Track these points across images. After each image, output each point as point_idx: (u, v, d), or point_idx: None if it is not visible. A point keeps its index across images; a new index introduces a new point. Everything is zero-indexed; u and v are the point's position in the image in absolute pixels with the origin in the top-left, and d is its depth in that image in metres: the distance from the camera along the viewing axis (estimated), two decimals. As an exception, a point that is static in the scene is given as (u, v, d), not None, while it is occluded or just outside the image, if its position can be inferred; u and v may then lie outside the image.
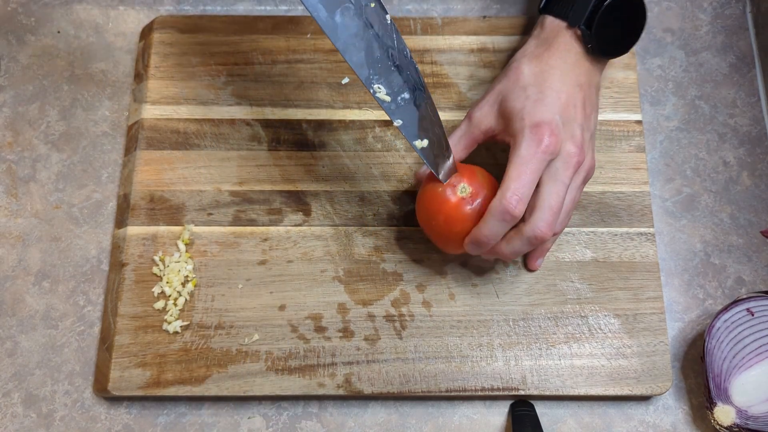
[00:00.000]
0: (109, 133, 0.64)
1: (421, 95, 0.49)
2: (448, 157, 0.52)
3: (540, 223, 0.49)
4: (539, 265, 0.58)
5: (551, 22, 0.54)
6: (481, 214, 0.50)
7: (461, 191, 0.51)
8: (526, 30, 0.65)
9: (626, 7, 0.53)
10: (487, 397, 0.56)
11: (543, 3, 0.55)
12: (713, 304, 0.60)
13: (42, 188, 0.63)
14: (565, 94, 0.51)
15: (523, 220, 0.50)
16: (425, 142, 0.50)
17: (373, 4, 0.45)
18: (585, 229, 0.59)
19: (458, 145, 0.54)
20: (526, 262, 0.58)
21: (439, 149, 0.51)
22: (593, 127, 0.53)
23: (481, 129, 0.53)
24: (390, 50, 0.47)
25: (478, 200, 0.51)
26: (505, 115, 0.51)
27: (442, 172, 0.51)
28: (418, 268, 0.58)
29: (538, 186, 0.49)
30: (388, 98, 0.48)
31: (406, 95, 0.48)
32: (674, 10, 0.69)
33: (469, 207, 0.51)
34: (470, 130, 0.54)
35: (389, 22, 0.46)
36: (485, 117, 0.53)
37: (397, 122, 0.49)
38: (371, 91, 0.47)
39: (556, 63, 0.52)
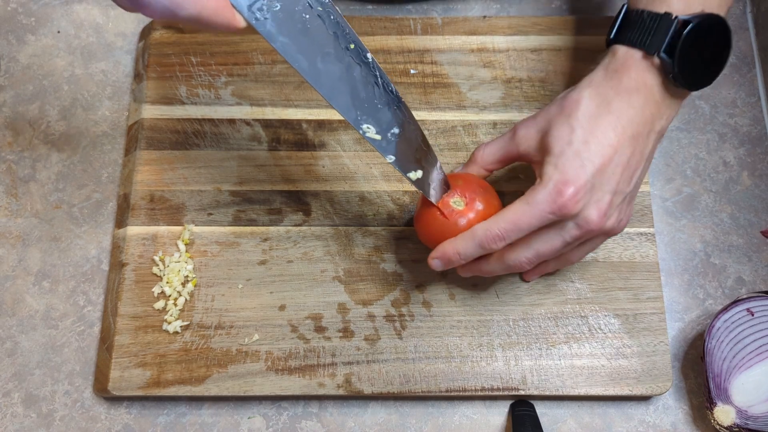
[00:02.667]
0: (109, 133, 0.64)
1: (410, 127, 0.49)
2: (440, 176, 0.51)
3: (522, 258, 0.48)
4: (534, 279, 0.57)
5: (624, 52, 0.48)
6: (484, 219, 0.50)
7: (455, 204, 0.51)
8: (526, 30, 0.65)
9: (710, 32, 0.48)
10: (487, 397, 0.56)
11: (614, 33, 0.49)
12: (713, 304, 0.60)
13: (42, 188, 0.63)
14: (611, 150, 0.46)
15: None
16: (419, 173, 0.50)
17: (352, 45, 0.44)
18: (585, 229, 0.59)
19: (495, 155, 0.52)
20: (522, 274, 0.58)
21: (433, 176, 0.50)
22: (636, 185, 0.49)
23: (520, 150, 0.50)
24: (374, 88, 0.46)
25: (473, 213, 0.50)
26: (543, 148, 0.48)
27: (436, 194, 0.51)
28: (418, 268, 0.58)
29: (540, 227, 0.47)
30: (378, 137, 0.47)
31: (396, 130, 0.48)
32: (674, 10, 0.69)
33: (460, 219, 0.50)
34: (510, 146, 0.51)
35: (370, 59, 0.45)
36: (528, 140, 0.50)
37: (390, 159, 0.48)
38: (361, 131, 0.46)
39: (617, 105, 0.47)
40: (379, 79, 0.46)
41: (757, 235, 0.62)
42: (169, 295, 0.57)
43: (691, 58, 0.47)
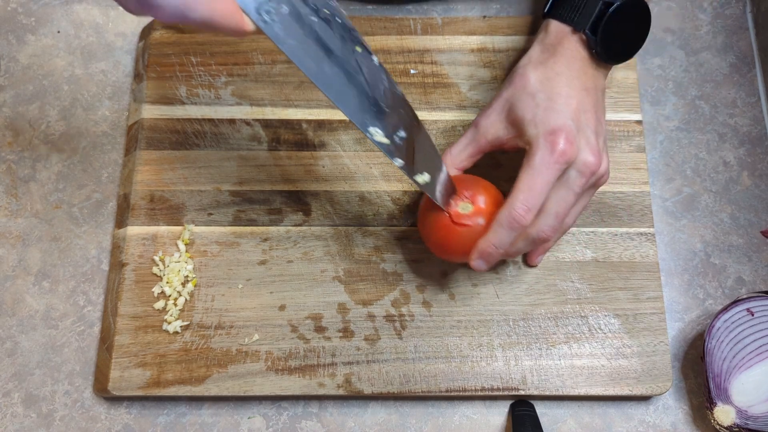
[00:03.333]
0: (109, 133, 0.64)
1: (417, 130, 0.49)
2: (447, 180, 0.51)
3: (545, 227, 0.49)
4: (539, 261, 0.58)
5: (556, 26, 0.53)
6: (485, 229, 0.50)
7: (463, 209, 0.51)
8: (526, 30, 0.65)
9: (631, 12, 0.53)
10: (487, 397, 0.56)
11: (548, 7, 0.54)
12: (713, 304, 0.60)
13: (42, 188, 0.63)
14: (575, 99, 0.50)
15: None
16: (426, 176, 0.50)
17: (359, 49, 0.45)
18: (585, 229, 0.59)
19: (463, 153, 0.54)
20: (527, 258, 0.58)
21: (440, 179, 0.51)
22: (605, 131, 0.52)
23: (488, 138, 0.53)
24: (381, 92, 0.46)
25: (481, 217, 0.50)
26: (514, 123, 0.51)
27: (443, 198, 0.51)
28: (418, 268, 0.58)
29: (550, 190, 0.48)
30: (386, 140, 0.47)
31: (403, 133, 0.48)
32: (674, 10, 0.69)
33: (472, 224, 0.50)
34: (476, 138, 0.53)
35: (377, 63, 0.46)
36: (492, 125, 0.52)
37: (398, 162, 0.48)
38: (368, 135, 0.46)
39: (561, 69, 0.51)
40: (386, 82, 0.46)
41: (757, 235, 0.62)
42: (169, 295, 0.57)
43: (613, 36, 0.52)
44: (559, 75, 0.51)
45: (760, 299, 0.55)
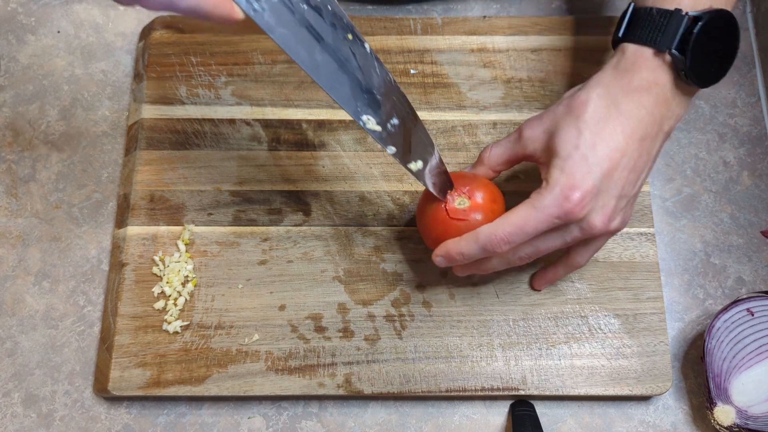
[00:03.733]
0: (109, 133, 0.64)
1: (410, 118, 0.49)
2: (443, 173, 0.51)
3: (522, 254, 0.49)
4: (543, 287, 0.57)
5: (633, 50, 0.48)
6: (488, 219, 0.50)
7: (459, 204, 0.51)
8: (526, 30, 0.65)
9: (721, 27, 0.48)
10: (487, 397, 0.56)
11: (622, 31, 0.49)
12: (713, 304, 0.60)
13: (42, 188, 0.63)
14: (619, 154, 0.46)
15: None
16: (419, 164, 0.50)
17: (350, 36, 0.44)
18: (585, 229, 0.59)
19: (502, 156, 0.52)
20: (532, 281, 0.57)
21: (433, 167, 0.50)
22: (639, 186, 0.49)
23: (527, 151, 0.50)
24: (373, 79, 0.46)
25: (477, 213, 0.50)
26: (549, 150, 0.48)
27: (438, 189, 0.51)
28: (418, 268, 0.58)
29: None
30: (378, 128, 0.47)
31: (395, 121, 0.48)
32: (674, 10, 0.69)
33: (468, 219, 0.50)
34: (517, 147, 0.51)
35: (369, 51, 0.45)
36: (534, 141, 0.49)
37: (390, 150, 0.48)
38: (361, 123, 0.46)
39: (627, 107, 0.46)
40: (378, 69, 0.46)
41: (757, 235, 0.62)
42: (169, 295, 0.57)
43: (703, 54, 0.47)
44: (621, 115, 0.46)
45: (760, 299, 0.55)
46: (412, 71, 0.64)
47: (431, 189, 0.51)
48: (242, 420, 0.56)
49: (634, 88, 0.47)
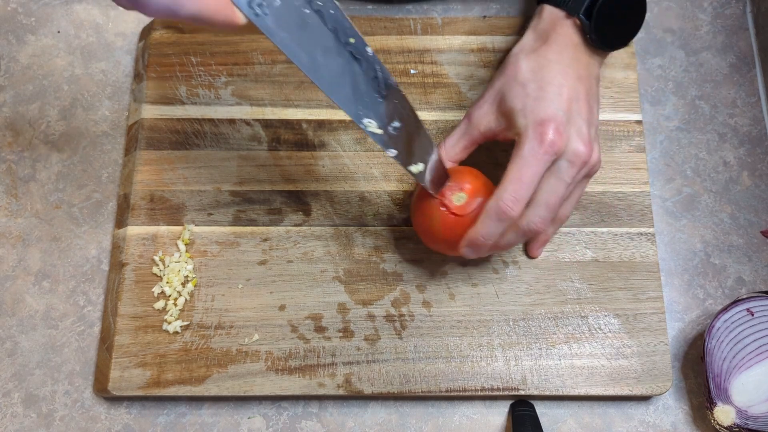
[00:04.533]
0: (109, 133, 0.64)
1: (411, 121, 0.49)
2: (440, 168, 0.51)
3: (536, 218, 0.49)
4: (540, 253, 0.58)
5: (550, 12, 0.53)
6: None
7: (457, 200, 0.51)
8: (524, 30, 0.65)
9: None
10: (487, 397, 0.56)
11: None
12: (713, 304, 0.60)
13: (42, 188, 0.63)
14: (566, 88, 0.49)
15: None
16: (420, 166, 0.50)
17: (352, 40, 0.44)
18: (585, 229, 0.59)
19: (457, 146, 0.54)
20: (527, 249, 0.58)
21: (433, 167, 0.51)
22: (597, 120, 0.52)
23: (481, 130, 0.53)
24: (375, 82, 0.46)
25: (475, 206, 0.51)
26: (505, 114, 0.51)
27: (436, 187, 0.51)
28: (418, 268, 0.58)
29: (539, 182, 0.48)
30: (380, 131, 0.47)
31: (397, 124, 0.48)
32: (674, 10, 0.69)
33: (466, 215, 0.50)
34: (469, 130, 0.53)
35: (371, 54, 0.45)
36: (484, 117, 0.52)
37: (391, 153, 0.48)
38: (362, 126, 0.46)
39: (554, 57, 0.51)
40: (379, 73, 0.46)
41: (757, 235, 0.62)
42: (169, 295, 0.57)
43: (607, 21, 0.51)
44: (551, 63, 0.50)
45: (760, 299, 0.55)
46: (412, 71, 0.64)
47: (431, 190, 0.51)
48: (242, 420, 0.56)
49: (554, 43, 0.51)
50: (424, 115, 0.63)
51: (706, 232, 0.62)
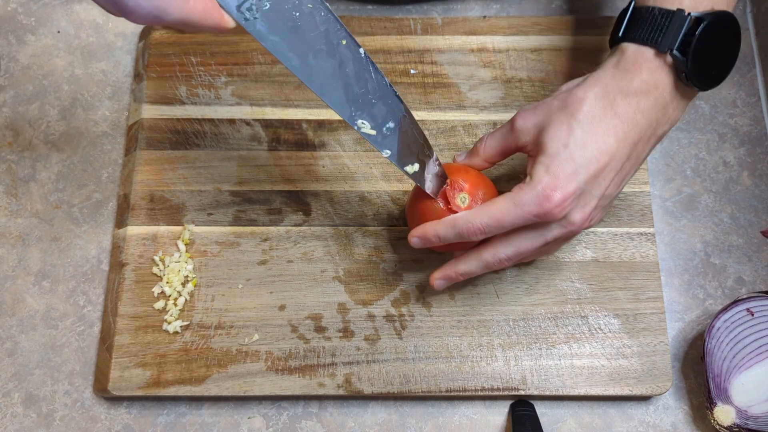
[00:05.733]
0: (109, 133, 0.64)
1: (406, 120, 0.48)
2: (438, 169, 0.51)
3: (502, 256, 0.49)
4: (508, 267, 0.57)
5: (634, 50, 0.47)
6: None
7: (461, 201, 0.50)
8: (526, 30, 0.65)
9: (723, 29, 0.47)
10: (487, 397, 0.56)
11: (622, 30, 0.48)
12: (713, 304, 0.60)
13: (42, 188, 0.63)
14: (608, 156, 0.45)
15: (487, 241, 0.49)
16: (416, 167, 0.49)
17: (344, 41, 0.44)
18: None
19: (496, 148, 0.51)
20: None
21: (431, 169, 0.50)
22: (623, 186, 0.49)
23: (519, 142, 0.49)
24: (368, 83, 0.46)
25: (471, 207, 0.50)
26: (538, 145, 0.47)
27: (434, 187, 0.51)
28: (418, 268, 0.58)
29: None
30: (373, 132, 0.47)
31: (391, 124, 0.48)
32: (674, 10, 0.69)
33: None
34: (509, 138, 0.50)
35: (364, 55, 0.45)
36: (526, 133, 0.49)
37: (386, 153, 0.48)
38: (356, 127, 0.46)
39: (625, 110, 0.45)
40: (372, 73, 0.46)
41: (757, 235, 0.62)
42: (169, 295, 0.57)
43: (704, 55, 0.46)
44: (616, 117, 0.45)
45: (760, 299, 0.55)
46: (412, 71, 0.64)
47: (428, 191, 0.50)
48: (242, 420, 0.56)
49: (634, 90, 0.46)
50: (424, 115, 0.63)
51: (706, 232, 0.62)
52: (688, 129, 0.65)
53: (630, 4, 0.49)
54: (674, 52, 0.45)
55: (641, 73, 0.46)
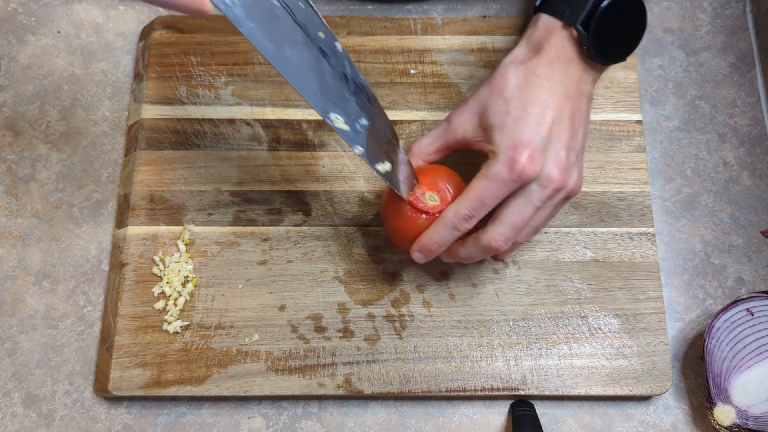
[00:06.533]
0: (109, 133, 0.64)
1: (379, 119, 0.48)
2: (409, 169, 0.51)
3: (497, 236, 0.48)
4: (507, 257, 0.58)
5: (546, 21, 0.50)
6: None
7: (430, 199, 0.50)
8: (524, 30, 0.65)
9: (626, 8, 0.50)
10: (487, 397, 0.56)
11: (539, 1, 0.52)
12: (713, 304, 0.60)
13: (42, 188, 0.63)
14: (551, 109, 0.47)
15: (484, 225, 0.49)
16: (388, 165, 0.49)
17: (322, 34, 0.44)
18: (585, 229, 0.59)
19: (432, 146, 0.52)
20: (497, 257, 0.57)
21: (400, 166, 0.50)
22: (582, 142, 0.50)
23: (457, 137, 0.51)
24: (343, 78, 0.46)
25: (443, 206, 0.50)
26: (484, 128, 0.49)
27: (405, 188, 0.50)
28: (418, 268, 0.58)
29: (507, 198, 0.48)
30: (346, 127, 0.47)
31: (364, 121, 0.47)
32: (674, 10, 0.69)
33: (434, 213, 0.50)
34: (446, 135, 0.52)
35: (341, 50, 0.45)
36: (463, 125, 0.50)
37: (358, 149, 0.47)
38: (328, 121, 0.46)
39: (543, 72, 0.48)
40: (348, 69, 0.46)
41: (757, 235, 0.62)
42: (169, 295, 0.57)
43: (606, 33, 0.49)
44: (540, 79, 0.48)
45: (760, 299, 0.55)
46: (412, 71, 0.64)
47: (399, 191, 0.50)
48: (242, 420, 0.56)
49: (546, 57, 0.49)
50: (423, 115, 0.63)
51: (706, 232, 0.62)
52: (688, 129, 0.65)
53: None
54: (578, 26, 0.49)
55: (550, 42, 0.49)
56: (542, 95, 0.48)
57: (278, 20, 0.43)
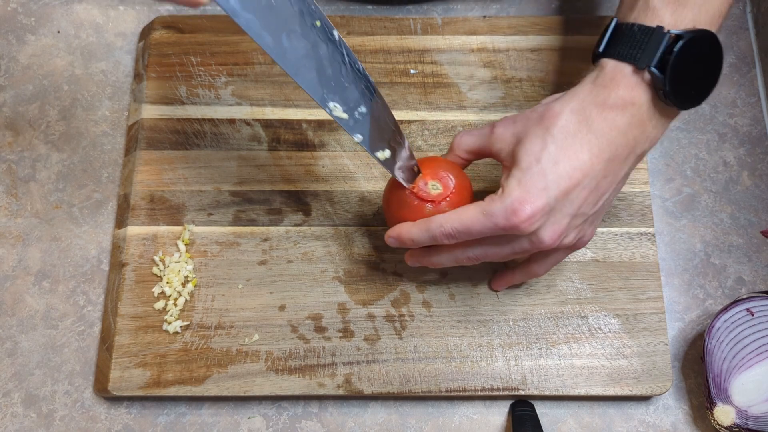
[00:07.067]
0: (109, 133, 0.64)
1: (378, 106, 0.48)
2: (411, 160, 0.51)
3: (470, 254, 0.49)
4: (500, 289, 0.57)
5: (614, 66, 0.46)
6: (453, 207, 0.49)
7: (432, 188, 0.50)
8: (526, 30, 0.65)
9: (703, 47, 0.45)
10: (487, 397, 0.56)
11: (603, 46, 0.47)
12: (713, 304, 0.60)
13: (42, 188, 0.63)
14: (581, 173, 0.44)
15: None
16: (387, 153, 0.49)
17: (318, 23, 0.44)
18: (585, 229, 0.59)
19: (470, 146, 0.51)
20: (491, 282, 0.57)
21: (403, 158, 0.50)
22: (600, 207, 0.47)
23: (494, 148, 0.49)
24: (341, 67, 0.45)
25: (448, 198, 0.50)
26: (513, 157, 0.47)
27: (407, 177, 0.50)
28: (418, 268, 0.58)
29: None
30: (345, 115, 0.47)
31: (363, 109, 0.47)
32: (674, 10, 0.69)
33: (442, 204, 0.50)
34: (486, 141, 0.50)
35: (337, 38, 0.45)
36: (502, 141, 0.48)
37: (357, 138, 0.47)
38: (327, 110, 0.45)
39: (600, 126, 0.44)
40: (346, 57, 0.46)
41: (757, 235, 0.62)
42: (169, 296, 0.57)
43: (683, 74, 0.45)
44: (591, 133, 0.45)
45: (760, 299, 0.55)
46: (412, 71, 0.64)
47: (399, 179, 0.50)
48: (242, 420, 0.56)
49: (610, 106, 0.45)
50: (424, 115, 0.63)
51: (706, 232, 0.62)
52: (688, 129, 0.65)
53: (612, 20, 0.48)
54: (652, 68, 0.44)
55: (618, 90, 0.45)
56: (582, 154, 0.45)
57: (274, 10, 0.43)
